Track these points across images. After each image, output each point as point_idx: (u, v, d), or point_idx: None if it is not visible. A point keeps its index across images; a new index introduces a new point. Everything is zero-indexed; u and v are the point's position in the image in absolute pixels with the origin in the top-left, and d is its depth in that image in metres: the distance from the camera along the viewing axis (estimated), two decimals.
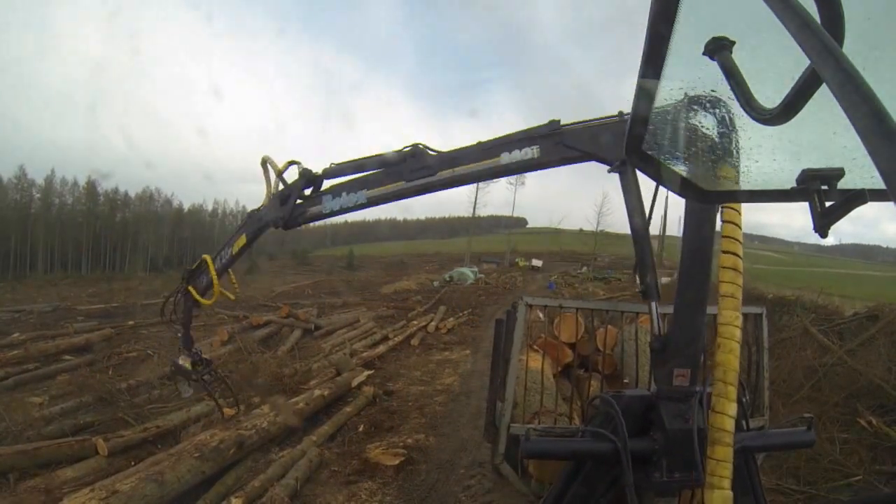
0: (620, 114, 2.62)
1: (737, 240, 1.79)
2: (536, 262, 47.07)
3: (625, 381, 4.01)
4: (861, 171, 0.73)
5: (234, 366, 8.67)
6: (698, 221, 1.90)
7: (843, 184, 0.76)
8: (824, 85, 0.48)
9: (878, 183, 0.42)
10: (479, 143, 3.00)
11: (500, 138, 2.93)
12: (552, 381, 4.26)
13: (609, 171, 2.62)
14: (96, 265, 55.80)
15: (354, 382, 8.04)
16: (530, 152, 2.82)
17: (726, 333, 1.77)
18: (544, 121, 2.85)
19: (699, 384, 1.93)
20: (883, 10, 0.63)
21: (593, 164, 2.79)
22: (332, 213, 3.41)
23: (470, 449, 5.96)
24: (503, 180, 56.28)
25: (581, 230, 58.11)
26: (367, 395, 7.68)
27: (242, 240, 3.81)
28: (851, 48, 0.59)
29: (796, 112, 0.70)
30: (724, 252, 1.79)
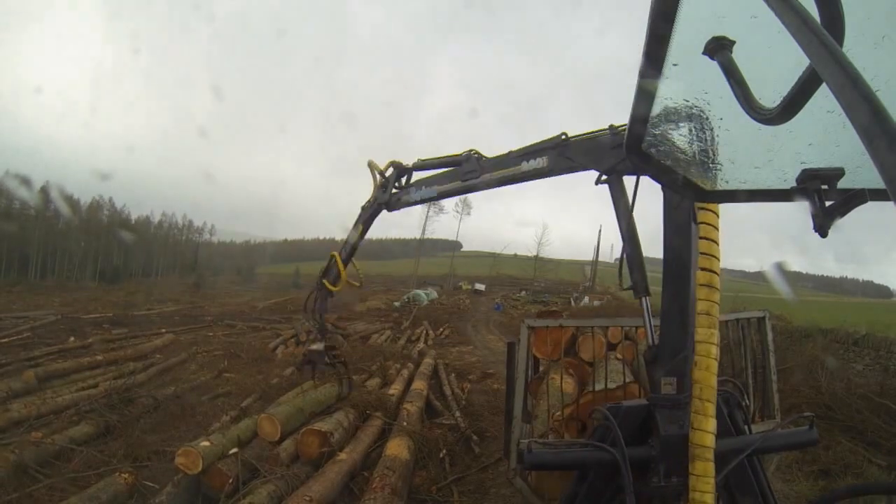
0: (611, 127, 2.72)
1: (712, 255, 1.75)
2: (479, 286, 45.86)
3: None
4: (861, 171, 0.73)
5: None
6: (675, 229, 1.89)
7: (843, 184, 0.76)
8: (824, 85, 0.48)
9: (878, 183, 0.42)
10: (510, 152, 3.27)
11: (523, 148, 3.20)
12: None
13: (597, 183, 2.70)
14: (45, 273, 51.63)
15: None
16: (542, 162, 3.06)
17: (702, 351, 1.74)
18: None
19: (686, 391, 1.89)
20: (883, 10, 0.62)
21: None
22: (417, 202, 4.00)
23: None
24: (450, 209, 56.14)
25: (516, 255, 58.39)
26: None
27: (360, 229, 4.41)
28: (851, 48, 0.59)
29: (796, 112, 0.70)
30: (701, 269, 1.78)
